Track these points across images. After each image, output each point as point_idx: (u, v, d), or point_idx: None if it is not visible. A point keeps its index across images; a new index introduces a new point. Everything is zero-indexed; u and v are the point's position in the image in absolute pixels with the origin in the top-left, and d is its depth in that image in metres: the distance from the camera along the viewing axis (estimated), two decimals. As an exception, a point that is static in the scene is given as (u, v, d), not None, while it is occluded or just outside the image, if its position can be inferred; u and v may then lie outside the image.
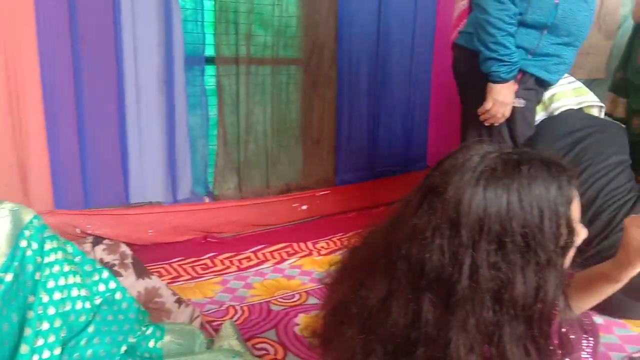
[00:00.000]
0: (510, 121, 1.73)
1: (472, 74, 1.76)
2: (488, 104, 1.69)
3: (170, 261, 2.14)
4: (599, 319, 1.61)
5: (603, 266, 0.90)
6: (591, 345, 1.01)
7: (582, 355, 0.99)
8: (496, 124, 1.74)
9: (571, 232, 0.67)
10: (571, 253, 0.72)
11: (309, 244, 2.36)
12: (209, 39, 2.49)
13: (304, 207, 2.70)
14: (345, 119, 2.90)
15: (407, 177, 3.21)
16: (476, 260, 0.63)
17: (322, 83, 2.84)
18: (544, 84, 1.80)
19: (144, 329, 1.20)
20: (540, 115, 1.78)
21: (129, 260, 1.93)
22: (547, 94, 1.79)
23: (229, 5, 2.47)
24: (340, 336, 0.76)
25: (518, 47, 1.66)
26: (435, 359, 0.65)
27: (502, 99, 1.67)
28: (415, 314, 0.66)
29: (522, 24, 1.63)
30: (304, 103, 2.85)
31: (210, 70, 2.52)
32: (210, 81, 2.52)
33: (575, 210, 0.68)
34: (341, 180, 2.91)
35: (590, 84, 2.70)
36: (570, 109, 1.89)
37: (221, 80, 2.51)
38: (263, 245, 2.29)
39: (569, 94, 1.93)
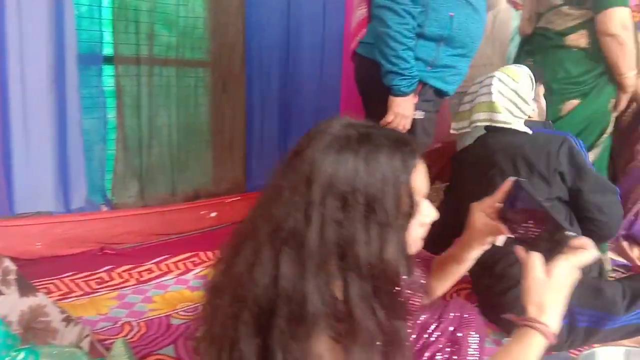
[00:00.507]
0: (410, 132, 1.77)
1: (373, 84, 1.78)
2: (390, 117, 1.71)
3: (61, 276, 1.96)
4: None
5: (453, 248, 1.00)
6: (477, 342, 1.04)
7: (469, 352, 1.02)
8: None
9: (412, 200, 0.73)
10: (417, 227, 0.78)
11: (217, 252, 2.27)
12: (107, 37, 2.34)
13: (213, 214, 2.61)
14: (256, 122, 2.85)
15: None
16: (324, 216, 0.69)
17: (232, 86, 2.77)
18: (442, 95, 1.86)
19: (13, 354, 1.07)
20: (461, 124, 1.85)
21: (12, 277, 1.74)
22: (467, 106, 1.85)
23: (129, 3, 2.34)
24: (214, 313, 0.78)
25: (417, 59, 1.69)
26: (294, 315, 0.68)
27: (403, 112, 1.70)
28: (275, 272, 0.70)
29: (420, 36, 1.67)
30: (214, 106, 2.77)
31: (108, 70, 2.37)
32: (108, 82, 2.37)
33: (419, 182, 0.75)
34: (253, 186, 2.85)
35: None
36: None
37: (121, 80, 2.37)
38: (166, 256, 2.17)
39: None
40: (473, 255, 0.97)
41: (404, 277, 0.74)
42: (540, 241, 0.80)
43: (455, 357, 1.01)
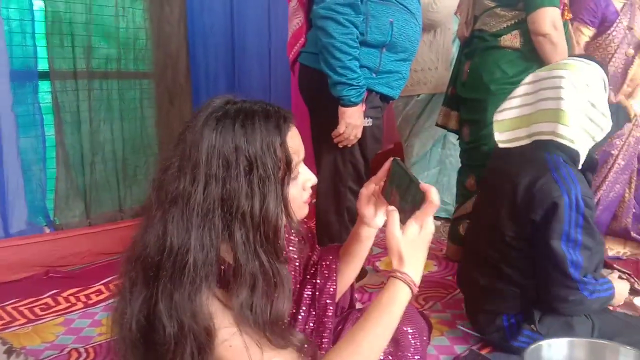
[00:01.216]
0: (360, 140, 1.78)
1: (319, 94, 1.77)
2: (341, 128, 1.70)
3: (3, 304, 1.87)
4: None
5: (353, 228, 1.08)
6: (417, 346, 1.06)
7: (409, 354, 1.04)
8: (349, 146, 1.77)
9: (288, 158, 0.82)
10: (299, 188, 0.87)
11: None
12: (42, 52, 2.25)
13: (165, 229, 2.54)
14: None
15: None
16: (208, 175, 0.77)
17: (179, 97, 2.72)
18: (387, 100, 1.88)
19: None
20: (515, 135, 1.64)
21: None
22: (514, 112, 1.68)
23: (63, 17, 2.26)
24: (120, 290, 0.84)
25: (362, 66, 1.70)
26: (178, 267, 0.76)
27: (354, 122, 1.70)
28: (163, 231, 0.78)
29: (363, 44, 1.67)
30: (160, 118, 2.71)
31: (44, 86, 2.27)
32: (45, 98, 2.28)
33: (293, 144, 0.84)
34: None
35: (432, 97, 2.94)
36: None
37: (58, 96, 2.28)
38: (116, 276, 2.10)
39: None
40: (369, 233, 1.05)
41: (285, 227, 0.84)
42: (406, 204, 0.88)
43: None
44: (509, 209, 1.52)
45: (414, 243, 0.86)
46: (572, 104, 1.47)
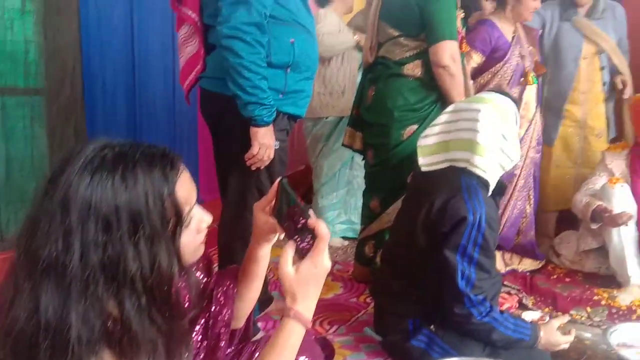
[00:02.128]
0: (269, 163, 1.76)
1: (224, 118, 1.75)
2: (255, 149, 1.68)
3: None
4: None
5: (247, 249, 1.06)
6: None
7: None
8: (262, 167, 1.75)
9: (178, 210, 0.75)
10: (193, 233, 0.81)
11: None
12: None
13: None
14: (102, 154, 2.64)
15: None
16: (85, 242, 0.68)
17: (73, 116, 2.53)
18: (295, 119, 1.89)
19: None
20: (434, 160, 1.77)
21: None
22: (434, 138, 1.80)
23: None
24: None
25: (270, 88, 1.69)
26: (58, 346, 0.66)
27: (267, 141, 1.68)
28: (35, 306, 0.68)
29: (268, 65, 1.67)
30: (52, 139, 2.51)
31: None
32: None
33: (184, 191, 0.77)
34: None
35: (340, 120, 3.00)
36: None
37: None
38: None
39: None
40: (263, 252, 1.04)
41: (180, 280, 0.78)
42: (295, 234, 0.88)
43: None
44: (424, 223, 1.66)
45: (307, 280, 0.85)
46: (487, 136, 1.62)
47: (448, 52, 1.97)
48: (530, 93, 2.53)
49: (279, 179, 0.94)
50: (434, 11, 1.97)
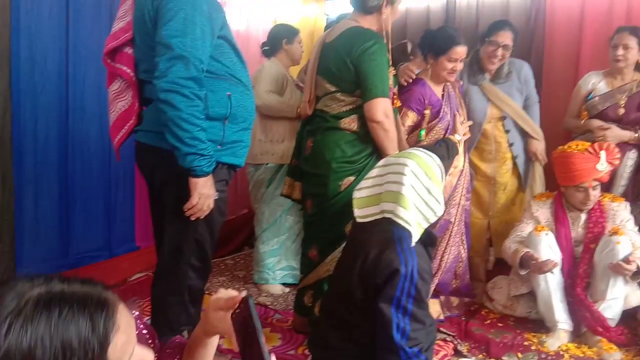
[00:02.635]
0: (208, 214, 1.75)
1: (161, 171, 1.75)
2: (194, 199, 1.67)
3: None
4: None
5: (197, 330, 1.02)
6: None
7: None
8: (202, 217, 1.73)
9: None
10: None
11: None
12: None
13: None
14: (28, 198, 2.51)
15: (114, 262, 2.97)
16: None
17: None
18: (234, 169, 1.90)
19: None
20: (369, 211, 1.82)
21: None
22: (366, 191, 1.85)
23: None
24: None
25: (209, 140, 1.69)
26: None
27: (207, 191, 1.68)
28: None
29: (207, 118, 1.69)
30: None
31: None
32: None
33: (120, 340, 0.67)
34: (27, 273, 2.47)
35: (281, 167, 3.02)
36: None
37: None
38: None
39: None
40: (213, 341, 1.01)
41: None
42: (244, 355, 0.87)
43: None
44: (359, 274, 1.68)
45: None
46: (411, 190, 1.69)
47: (381, 108, 2.06)
48: (461, 146, 2.65)
49: (245, 294, 0.92)
50: (368, 71, 2.05)
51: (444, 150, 2.16)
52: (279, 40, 3.08)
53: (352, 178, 2.15)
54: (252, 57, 3.99)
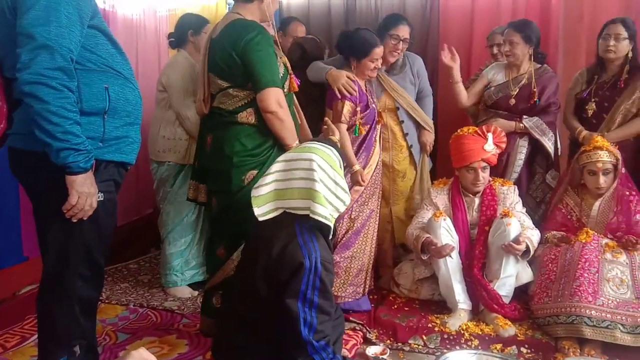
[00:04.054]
0: (91, 217, 1.63)
1: (36, 175, 1.61)
2: (73, 199, 1.55)
3: None
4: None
5: None
6: None
7: None
8: (85, 218, 1.61)
9: None
10: None
11: None
12: None
13: None
14: None
15: (1, 275, 2.71)
16: None
17: None
18: (124, 167, 1.78)
19: None
20: (267, 209, 1.82)
21: None
22: (266, 188, 1.84)
23: None
24: None
25: (86, 137, 1.58)
26: None
27: (87, 189, 1.56)
28: None
29: (81, 113, 1.57)
30: None
31: None
32: None
33: None
34: None
35: (185, 166, 2.91)
36: None
37: None
38: None
39: None
40: None
41: None
42: None
43: None
44: (263, 271, 1.66)
45: None
46: (323, 185, 1.73)
47: (273, 98, 2.03)
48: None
49: None
50: (254, 62, 2.02)
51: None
52: (184, 31, 2.96)
53: (254, 172, 2.12)
54: (149, 48, 3.81)
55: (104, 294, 2.88)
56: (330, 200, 1.75)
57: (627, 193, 2.56)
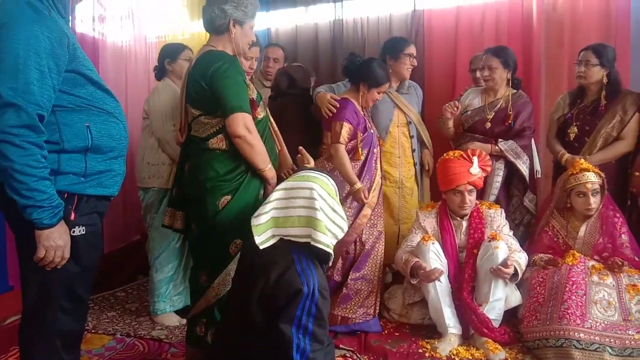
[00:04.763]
0: (72, 252, 1.61)
1: (16, 208, 1.57)
2: (40, 252, 1.55)
3: None
4: None
5: None
6: None
7: None
8: (59, 267, 1.60)
9: None
10: None
11: None
12: None
13: None
14: None
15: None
16: None
17: None
18: (107, 199, 1.77)
19: None
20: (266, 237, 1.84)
21: None
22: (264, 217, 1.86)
23: None
24: None
25: (68, 173, 1.59)
26: None
27: (54, 243, 1.56)
28: None
29: (63, 152, 1.58)
30: None
31: None
32: None
33: None
34: None
35: (167, 192, 2.90)
36: None
37: None
38: None
39: None
40: None
41: None
42: None
43: None
44: (260, 298, 1.66)
45: None
46: (324, 213, 1.77)
47: (241, 123, 2.06)
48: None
49: None
50: (221, 88, 2.06)
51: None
52: (162, 61, 3.04)
53: (228, 197, 2.14)
54: (139, 75, 3.84)
55: (90, 324, 2.84)
56: (330, 228, 1.79)
57: (612, 214, 2.60)
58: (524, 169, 2.93)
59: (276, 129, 2.40)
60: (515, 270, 2.46)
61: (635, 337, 2.16)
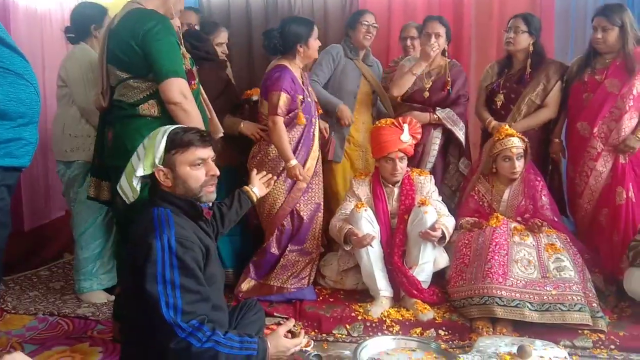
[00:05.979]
0: None
1: None
2: None
3: None
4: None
5: None
6: None
7: None
8: None
9: None
10: None
11: None
12: None
13: None
14: None
15: None
16: None
17: None
18: (17, 170, 1.65)
19: None
20: None
21: None
22: None
23: None
24: None
25: None
26: None
27: None
28: None
29: None
30: None
31: None
32: None
33: None
34: None
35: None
36: None
37: None
38: None
39: None
40: None
41: None
42: None
43: None
44: (131, 265, 1.56)
45: None
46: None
47: (177, 89, 1.96)
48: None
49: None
50: (155, 51, 1.95)
51: None
52: (85, 25, 2.76)
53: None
54: (55, 40, 3.57)
55: (9, 304, 2.69)
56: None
57: (533, 177, 2.72)
58: (460, 135, 3.00)
59: (205, 96, 2.31)
60: (443, 233, 2.53)
61: (553, 293, 2.29)
